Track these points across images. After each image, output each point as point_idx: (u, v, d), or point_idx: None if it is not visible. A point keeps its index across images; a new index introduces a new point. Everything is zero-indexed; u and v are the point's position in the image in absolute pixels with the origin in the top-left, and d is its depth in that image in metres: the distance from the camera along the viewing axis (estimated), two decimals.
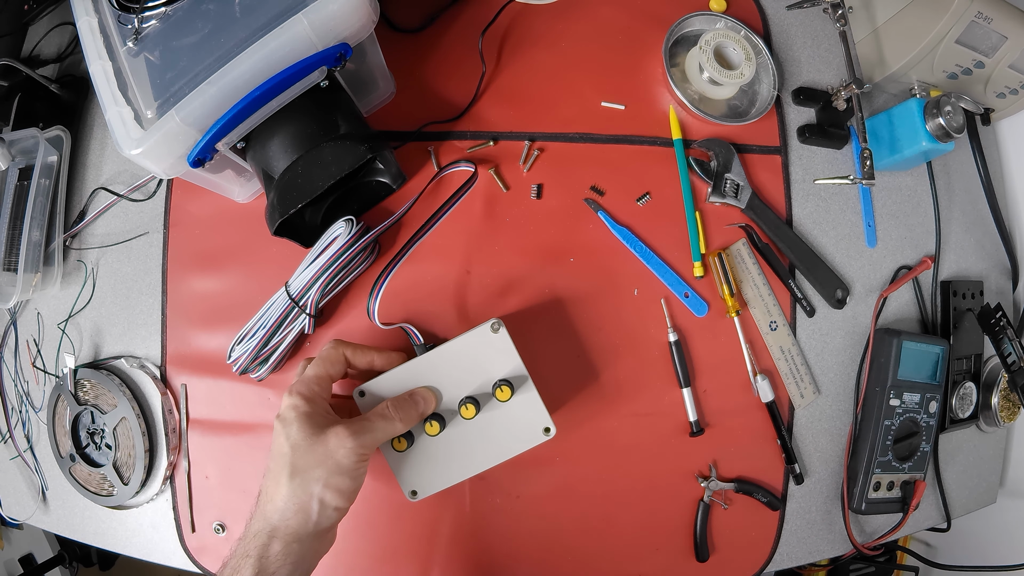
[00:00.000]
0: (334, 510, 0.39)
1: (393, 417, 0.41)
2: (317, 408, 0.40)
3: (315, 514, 0.39)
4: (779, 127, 0.60)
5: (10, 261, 0.54)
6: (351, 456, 0.39)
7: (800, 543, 0.57)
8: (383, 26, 0.56)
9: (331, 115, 0.46)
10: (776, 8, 0.63)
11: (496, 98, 0.57)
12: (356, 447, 0.39)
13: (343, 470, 0.39)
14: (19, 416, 0.57)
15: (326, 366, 0.42)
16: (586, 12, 0.59)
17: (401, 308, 0.53)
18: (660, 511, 0.55)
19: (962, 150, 0.64)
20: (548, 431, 0.46)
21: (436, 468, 0.45)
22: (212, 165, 0.44)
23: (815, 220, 0.60)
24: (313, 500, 0.38)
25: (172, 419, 0.53)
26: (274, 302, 0.49)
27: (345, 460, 0.39)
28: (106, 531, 0.55)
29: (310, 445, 0.39)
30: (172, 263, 0.55)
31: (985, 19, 0.54)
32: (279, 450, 0.40)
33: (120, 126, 0.40)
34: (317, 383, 0.42)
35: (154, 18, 0.42)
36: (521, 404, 0.45)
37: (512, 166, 0.56)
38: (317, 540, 0.40)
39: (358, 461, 0.39)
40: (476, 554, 0.53)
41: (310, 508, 0.38)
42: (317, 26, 0.40)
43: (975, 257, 0.65)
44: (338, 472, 0.39)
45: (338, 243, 0.47)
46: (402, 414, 0.42)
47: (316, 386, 0.41)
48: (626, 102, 0.58)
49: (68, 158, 0.57)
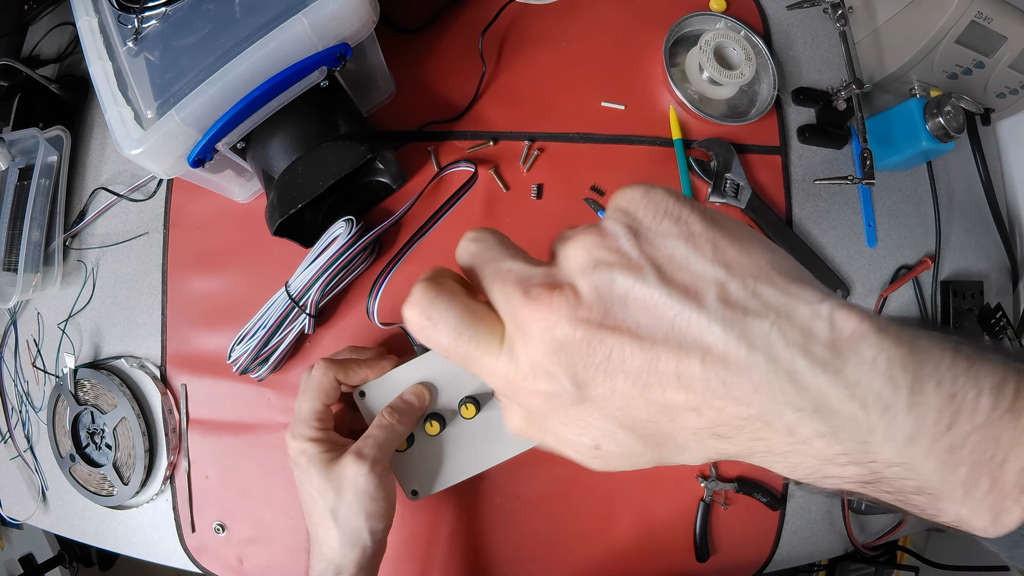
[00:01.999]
0: (382, 531, 0.41)
1: (394, 424, 0.41)
2: (324, 446, 0.41)
3: (369, 543, 0.40)
4: (779, 127, 0.60)
5: (10, 261, 0.54)
6: (371, 479, 0.40)
7: (800, 543, 0.57)
8: (383, 26, 0.56)
9: (331, 115, 0.46)
10: (776, 8, 0.63)
11: (496, 98, 0.57)
12: (371, 469, 0.40)
13: (371, 495, 0.40)
14: (19, 416, 0.57)
15: (321, 397, 0.42)
16: (586, 12, 0.59)
17: (400, 308, 0.53)
18: (660, 511, 0.55)
19: (962, 150, 0.64)
20: None
21: (436, 468, 0.45)
22: (212, 165, 0.44)
23: (815, 220, 0.60)
24: (362, 532, 0.40)
25: (172, 419, 0.53)
26: (274, 302, 0.49)
27: (368, 485, 0.40)
28: (106, 531, 0.55)
29: (334, 485, 0.40)
30: (172, 263, 0.55)
31: (985, 19, 0.54)
32: (310, 497, 0.41)
33: (120, 126, 0.40)
34: (316, 419, 0.42)
35: (154, 18, 0.42)
36: None
37: (512, 166, 0.56)
38: (376, 558, 0.42)
39: (379, 480, 0.40)
40: (476, 554, 0.53)
41: (363, 540, 0.40)
42: (317, 26, 0.40)
43: (975, 257, 0.65)
44: (369, 498, 0.40)
45: (338, 243, 0.47)
46: (401, 417, 0.42)
47: (316, 422, 0.42)
48: (626, 102, 0.58)
49: (68, 158, 0.57)
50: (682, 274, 0.19)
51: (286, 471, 0.52)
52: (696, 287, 0.19)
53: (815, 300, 0.18)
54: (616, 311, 0.19)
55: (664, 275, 0.19)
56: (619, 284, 0.19)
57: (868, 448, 0.18)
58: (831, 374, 0.17)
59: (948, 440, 0.17)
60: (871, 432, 0.17)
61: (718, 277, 0.19)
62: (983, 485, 0.17)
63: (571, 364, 0.20)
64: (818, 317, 0.18)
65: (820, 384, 0.17)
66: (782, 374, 0.18)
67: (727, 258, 0.19)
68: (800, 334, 0.18)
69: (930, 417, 0.17)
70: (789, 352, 0.18)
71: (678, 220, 0.20)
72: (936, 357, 0.18)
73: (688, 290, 0.19)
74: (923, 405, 0.17)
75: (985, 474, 0.17)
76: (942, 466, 0.17)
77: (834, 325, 0.18)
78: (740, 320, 0.18)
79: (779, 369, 0.18)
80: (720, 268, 0.19)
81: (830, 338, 0.18)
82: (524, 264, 0.22)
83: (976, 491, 0.18)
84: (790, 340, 0.18)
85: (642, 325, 0.19)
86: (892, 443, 0.17)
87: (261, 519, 0.52)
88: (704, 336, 0.18)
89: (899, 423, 0.17)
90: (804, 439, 0.18)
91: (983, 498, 0.18)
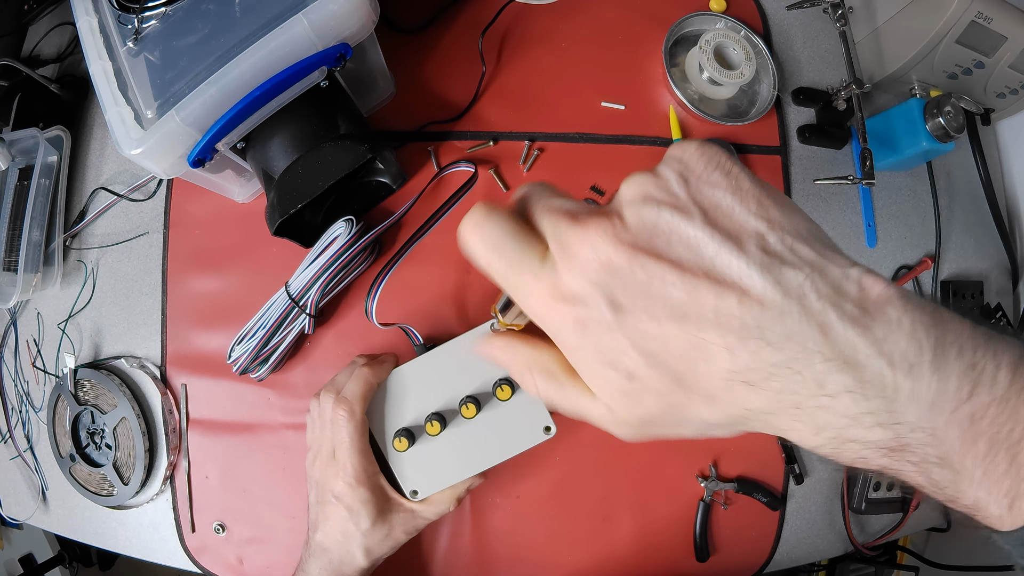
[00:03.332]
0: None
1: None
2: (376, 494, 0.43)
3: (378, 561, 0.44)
4: (779, 127, 0.60)
5: (10, 261, 0.54)
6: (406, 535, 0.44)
7: (800, 543, 0.57)
8: (383, 26, 0.56)
9: (331, 115, 0.46)
10: (776, 8, 0.63)
11: (496, 98, 0.57)
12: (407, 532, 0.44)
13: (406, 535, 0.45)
14: (19, 416, 0.57)
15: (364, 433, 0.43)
16: (586, 12, 0.59)
17: (401, 308, 0.53)
18: (660, 511, 0.55)
19: (962, 150, 0.64)
20: (548, 430, 0.46)
21: (437, 467, 0.45)
22: (212, 165, 0.44)
23: (815, 220, 0.60)
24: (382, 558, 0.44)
25: (172, 419, 0.53)
26: (274, 302, 0.49)
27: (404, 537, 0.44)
28: (106, 531, 0.55)
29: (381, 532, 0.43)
30: (172, 263, 0.55)
31: (985, 19, 0.54)
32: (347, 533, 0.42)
33: (120, 126, 0.40)
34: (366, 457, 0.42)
35: (154, 18, 0.42)
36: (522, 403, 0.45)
37: (512, 166, 0.56)
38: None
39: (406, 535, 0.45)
40: (476, 554, 0.53)
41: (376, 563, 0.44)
42: (317, 26, 0.40)
43: (975, 257, 0.65)
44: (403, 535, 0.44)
45: (338, 243, 0.47)
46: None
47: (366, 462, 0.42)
48: (626, 102, 0.58)
49: (68, 158, 0.57)
50: (726, 220, 0.20)
51: (286, 471, 0.52)
52: (738, 233, 0.20)
53: (846, 264, 0.19)
54: (659, 242, 0.20)
55: (709, 218, 0.20)
56: (665, 219, 0.20)
57: (894, 408, 0.18)
58: (860, 328, 0.18)
59: (969, 409, 0.18)
60: (896, 392, 0.18)
61: (759, 229, 0.20)
62: (1001, 464, 0.18)
63: (611, 286, 0.20)
64: (848, 278, 0.19)
65: (849, 337, 0.18)
66: (814, 323, 0.18)
67: (770, 215, 0.20)
68: (832, 290, 0.19)
69: (952, 383, 0.18)
70: (821, 304, 0.18)
71: (728, 174, 0.21)
72: (957, 327, 0.19)
73: (731, 234, 0.20)
74: (945, 370, 0.18)
75: (1003, 450, 0.18)
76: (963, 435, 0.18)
77: (863, 286, 0.19)
78: (777, 268, 0.19)
79: (811, 318, 0.18)
80: (762, 221, 0.20)
81: (859, 297, 0.19)
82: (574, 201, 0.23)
83: (994, 470, 0.18)
84: (822, 293, 0.19)
85: (684, 259, 0.20)
86: (916, 405, 0.18)
87: (261, 519, 0.52)
88: (743, 278, 0.19)
89: (923, 385, 0.18)
90: (833, 393, 0.18)
91: (1000, 479, 0.18)
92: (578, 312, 0.21)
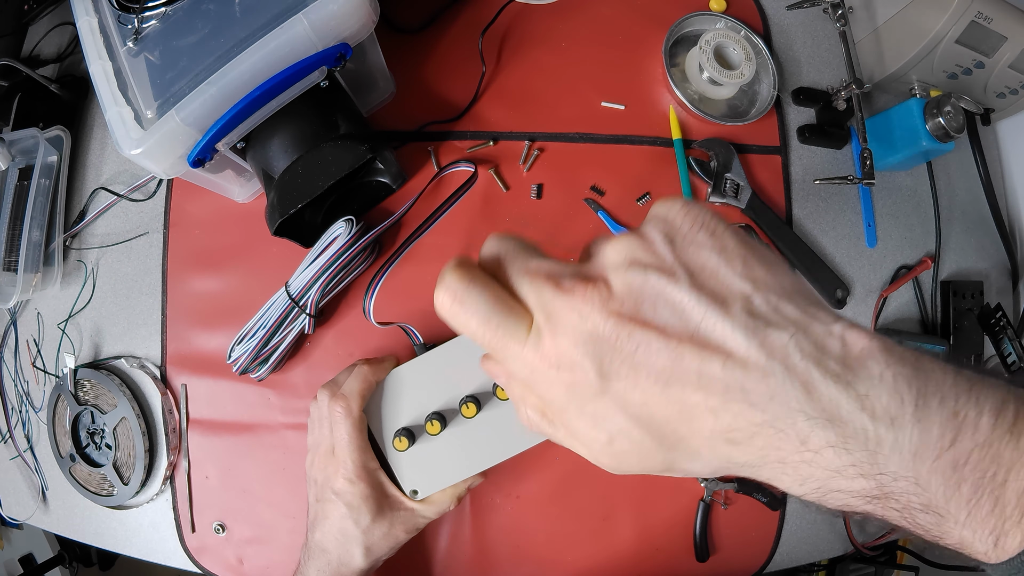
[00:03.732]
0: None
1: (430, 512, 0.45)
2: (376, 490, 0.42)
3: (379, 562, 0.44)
4: (779, 127, 0.60)
5: (10, 261, 0.54)
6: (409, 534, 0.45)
7: (800, 543, 0.57)
8: (383, 26, 0.56)
9: (331, 115, 0.46)
10: (776, 8, 0.63)
11: (496, 98, 0.57)
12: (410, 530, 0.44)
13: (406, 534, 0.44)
14: (19, 416, 0.57)
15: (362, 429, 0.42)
16: (586, 12, 0.59)
17: (401, 308, 0.53)
18: (660, 511, 0.55)
19: (962, 150, 0.64)
20: None
21: (437, 467, 0.45)
22: (212, 165, 0.44)
23: (815, 220, 0.60)
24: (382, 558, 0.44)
25: (172, 419, 0.53)
26: (274, 302, 0.49)
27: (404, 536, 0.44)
28: (106, 531, 0.55)
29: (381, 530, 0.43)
30: (172, 263, 0.55)
31: (985, 19, 0.54)
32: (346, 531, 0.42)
33: (120, 126, 0.40)
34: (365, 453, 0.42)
35: (154, 18, 0.42)
36: None
37: (512, 166, 0.56)
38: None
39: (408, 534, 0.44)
40: (476, 554, 0.53)
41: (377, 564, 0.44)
42: (317, 26, 0.40)
43: (975, 257, 0.65)
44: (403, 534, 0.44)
45: (338, 243, 0.47)
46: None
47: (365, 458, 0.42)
48: (626, 102, 0.58)
49: (68, 158, 0.57)
50: (712, 282, 0.20)
51: (286, 471, 0.52)
52: (724, 296, 0.20)
53: (829, 320, 0.20)
54: (646, 308, 0.20)
55: (696, 281, 0.20)
56: (652, 284, 0.20)
57: (876, 460, 0.18)
58: (842, 386, 0.18)
59: (951, 456, 0.18)
60: (879, 444, 0.18)
61: (745, 290, 0.20)
62: (985, 505, 0.18)
63: (599, 355, 0.20)
64: (831, 335, 0.19)
65: (832, 394, 0.18)
66: (797, 382, 0.19)
67: (755, 274, 0.20)
68: (815, 348, 0.19)
69: (934, 432, 0.18)
70: (804, 363, 0.19)
71: (713, 234, 0.21)
72: (939, 377, 0.19)
73: (717, 297, 0.20)
74: (927, 420, 0.18)
75: (987, 493, 0.18)
76: (946, 482, 0.18)
77: (845, 342, 0.19)
78: (762, 330, 0.19)
79: (795, 378, 0.19)
80: (747, 282, 0.20)
81: (842, 354, 0.19)
82: (552, 262, 0.23)
83: (978, 512, 0.18)
84: (806, 352, 0.19)
85: (670, 324, 0.20)
86: (899, 456, 0.18)
87: (261, 519, 0.52)
88: (727, 341, 0.19)
89: (905, 436, 0.18)
90: (816, 448, 0.19)
91: (985, 520, 0.18)
92: (564, 377, 0.21)
